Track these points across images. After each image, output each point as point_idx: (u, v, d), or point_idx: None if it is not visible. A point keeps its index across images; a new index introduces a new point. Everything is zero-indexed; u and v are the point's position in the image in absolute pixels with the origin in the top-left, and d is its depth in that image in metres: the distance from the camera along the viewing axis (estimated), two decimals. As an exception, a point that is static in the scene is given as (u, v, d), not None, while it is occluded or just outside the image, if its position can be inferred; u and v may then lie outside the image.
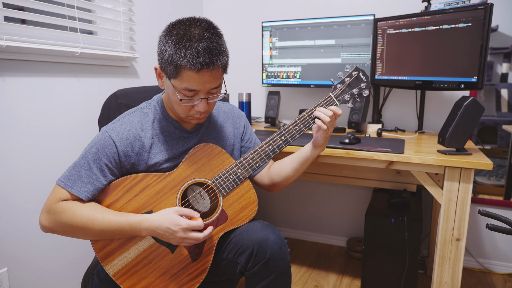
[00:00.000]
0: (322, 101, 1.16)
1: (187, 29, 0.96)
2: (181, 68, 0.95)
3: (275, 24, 2.08)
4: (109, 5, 1.71)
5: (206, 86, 0.99)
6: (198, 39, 0.95)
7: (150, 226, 0.99)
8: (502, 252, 1.99)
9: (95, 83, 1.64)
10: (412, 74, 1.75)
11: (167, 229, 0.99)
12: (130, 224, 0.99)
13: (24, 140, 1.36)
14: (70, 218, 0.97)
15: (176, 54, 0.94)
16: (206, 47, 0.94)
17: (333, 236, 2.38)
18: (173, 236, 0.99)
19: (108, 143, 1.02)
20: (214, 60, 0.95)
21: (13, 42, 1.25)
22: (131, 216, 1.00)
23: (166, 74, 0.99)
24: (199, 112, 1.03)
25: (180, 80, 0.97)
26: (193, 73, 0.95)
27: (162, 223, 0.99)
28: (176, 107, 1.04)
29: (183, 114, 1.04)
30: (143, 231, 1.00)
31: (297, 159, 1.20)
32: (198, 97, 1.00)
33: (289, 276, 1.09)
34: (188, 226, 0.99)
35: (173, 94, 1.01)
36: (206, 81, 0.98)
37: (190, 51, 0.93)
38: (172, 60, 0.95)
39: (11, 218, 1.34)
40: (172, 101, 1.04)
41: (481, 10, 1.47)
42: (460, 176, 1.26)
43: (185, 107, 1.02)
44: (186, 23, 0.98)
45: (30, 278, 1.42)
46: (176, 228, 0.98)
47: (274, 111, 2.01)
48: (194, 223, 1.00)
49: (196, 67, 0.94)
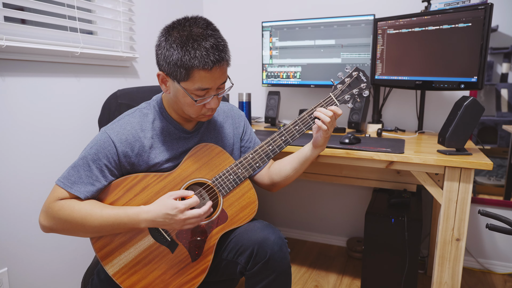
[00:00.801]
0: (322, 101, 1.16)
1: (188, 30, 0.95)
2: (193, 69, 0.95)
3: (275, 24, 2.08)
4: (109, 5, 1.71)
5: (217, 82, 1.00)
6: (203, 38, 0.95)
7: (148, 217, 0.99)
8: (502, 252, 1.99)
9: (95, 83, 1.64)
10: (412, 74, 1.75)
11: (166, 215, 0.98)
12: (128, 216, 0.99)
13: (24, 140, 1.36)
14: (69, 214, 0.97)
15: (185, 57, 0.94)
16: (213, 44, 0.95)
17: (333, 236, 2.38)
18: (173, 221, 0.98)
19: (107, 143, 1.02)
20: (222, 55, 0.97)
21: (13, 42, 1.25)
22: (129, 209, 1.00)
23: (175, 78, 0.98)
24: (211, 109, 1.04)
25: (192, 81, 0.97)
26: (205, 72, 0.96)
27: (160, 211, 0.98)
28: (187, 109, 1.03)
29: (194, 114, 1.05)
30: (142, 223, 1.00)
31: (297, 159, 1.20)
32: (209, 95, 1.01)
33: (289, 276, 1.09)
34: (185, 206, 0.98)
35: (183, 97, 1.01)
36: (217, 78, 0.99)
37: (199, 51, 0.93)
38: (182, 63, 0.94)
39: (11, 218, 1.34)
40: (182, 103, 1.03)
41: (481, 10, 1.47)
42: (460, 176, 1.26)
43: (198, 107, 1.02)
44: (185, 24, 0.97)
45: (30, 278, 1.42)
46: (174, 211, 0.97)
47: (274, 111, 2.01)
48: (190, 201, 0.99)
49: (209, 65, 0.94)
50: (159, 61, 1.00)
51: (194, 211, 0.99)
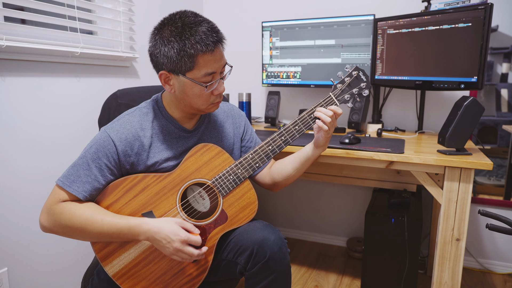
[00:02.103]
0: (322, 101, 1.15)
1: (181, 22, 0.96)
2: (196, 55, 0.96)
3: (275, 24, 2.08)
4: (109, 5, 1.71)
5: (220, 64, 1.01)
6: (197, 24, 0.96)
7: (149, 230, 0.98)
8: (502, 252, 1.99)
9: (95, 83, 1.64)
10: (412, 74, 1.74)
11: (166, 237, 0.97)
12: (129, 226, 0.99)
13: (24, 140, 1.36)
14: (69, 219, 0.97)
15: (186, 45, 0.95)
16: (208, 27, 0.97)
17: (333, 236, 2.38)
18: (169, 245, 0.98)
19: (107, 143, 1.02)
20: (220, 36, 0.99)
21: (13, 42, 1.25)
22: (131, 219, 1.00)
23: (179, 71, 0.98)
24: (219, 95, 1.05)
25: (198, 68, 0.98)
26: (208, 55, 0.97)
27: (162, 230, 0.98)
28: (197, 101, 1.04)
29: (204, 105, 1.05)
30: (141, 235, 0.99)
31: (299, 159, 1.20)
32: (215, 79, 1.02)
33: (289, 276, 1.09)
34: (186, 239, 0.98)
35: (191, 88, 1.01)
36: (219, 59, 1.00)
37: (198, 36, 0.95)
38: (185, 52, 0.95)
39: (11, 218, 1.34)
40: (190, 96, 1.03)
41: (481, 10, 1.46)
42: (460, 176, 1.26)
43: (207, 96, 1.03)
44: (174, 18, 0.98)
45: (30, 278, 1.42)
46: (175, 238, 0.97)
47: (274, 111, 2.01)
48: (193, 237, 0.99)
49: (211, 47, 0.96)
50: (159, 60, 1.00)
51: (190, 249, 0.98)
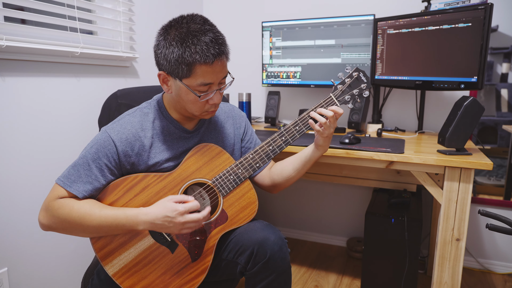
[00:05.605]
0: (323, 102, 1.15)
1: (187, 27, 0.96)
2: (194, 64, 0.95)
3: (275, 24, 2.08)
4: (109, 5, 1.71)
5: (218, 76, 1.00)
6: (202, 32, 0.95)
7: (147, 219, 0.98)
8: (502, 252, 1.99)
9: (95, 83, 1.64)
10: (412, 74, 1.75)
11: (165, 218, 0.97)
12: (127, 217, 0.98)
13: (24, 140, 1.36)
14: (68, 213, 0.97)
15: (186, 53, 0.94)
16: (212, 38, 0.96)
17: (333, 236, 2.38)
18: (172, 224, 0.97)
19: (107, 143, 1.02)
20: (222, 49, 0.97)
21: (13, 42, 1.25)
22: (128, 210, 1.00)
23: (177, 75, 0.98)
24: (214, 104, 1.04)
25: (194, 77, 0.97)
26: (206, 66, 0.96)
27: (160, 213, 0.97)
28: (191, 106, 1.03)
29: (198, 111, 1.05)
30: (141, 225, 0.99)
31: (299, 160, 1.20)
32: (212, 90, 1.01)
33: (289, 276, 1.09)
34: (185, 209, 0.97)
35: (186, 94, 1.01)
36: (218, 72, 0.99)
37: (200, 46, 0.94)
38: (183, 59, 0.95)
39: (11, 218, 1.34)
40: (185, 101, 1.03)
41: (481, 10, 1.46)
42: (460, 176, 1.26)
43: (201, 104, 1.02)
44: (182, 21, 0.98)
45: (30, 278, 1.42)
46: (174, 213, 0.97)
47: (274, 111, 2.01)
48: (190, 204, 0.98)
49: (210, 59, 0.95)
50: (159, 60, 1.00)
51: (193, 215, 0.98)
